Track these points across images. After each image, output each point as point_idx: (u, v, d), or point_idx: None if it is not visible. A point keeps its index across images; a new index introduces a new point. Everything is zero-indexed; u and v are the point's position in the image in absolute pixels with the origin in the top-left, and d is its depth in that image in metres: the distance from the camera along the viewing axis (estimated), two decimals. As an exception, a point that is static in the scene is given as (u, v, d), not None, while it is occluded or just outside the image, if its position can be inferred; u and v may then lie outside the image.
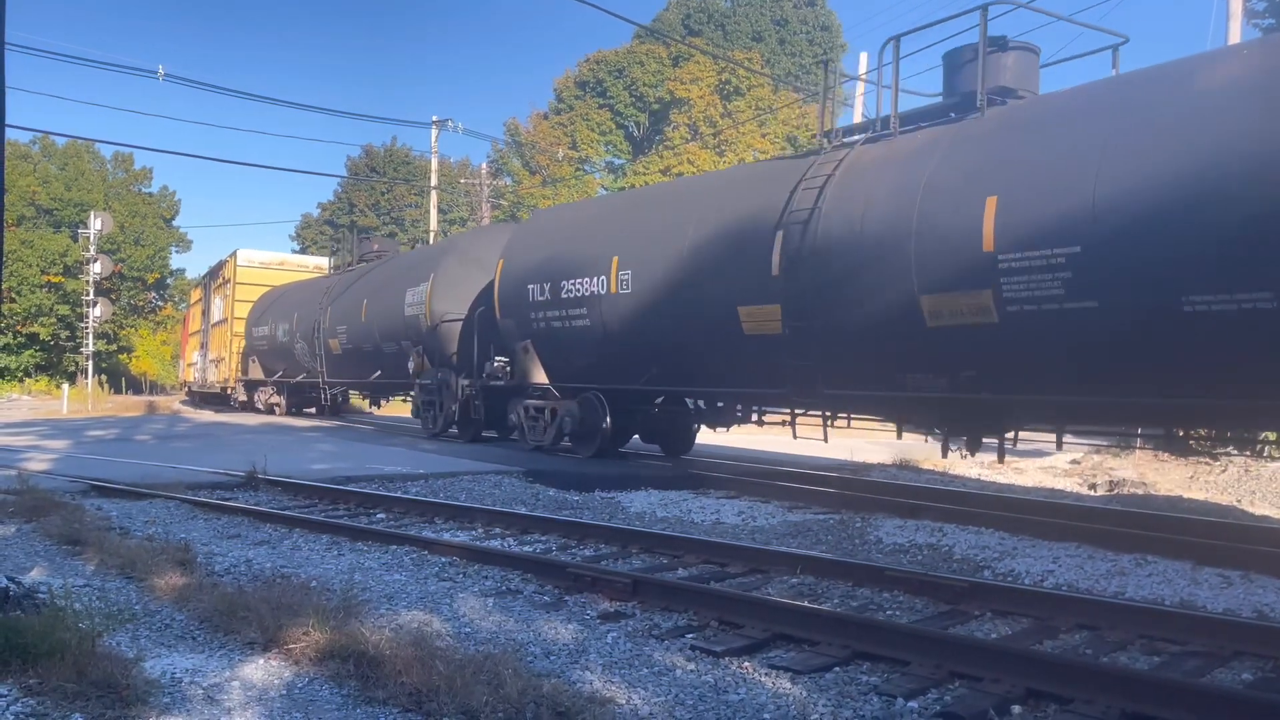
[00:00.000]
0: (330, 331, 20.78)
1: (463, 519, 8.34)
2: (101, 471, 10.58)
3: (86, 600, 4.69)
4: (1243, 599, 5.72)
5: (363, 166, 57.04)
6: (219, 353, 30.41)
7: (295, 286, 26.01)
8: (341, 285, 21.55)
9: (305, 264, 30.81)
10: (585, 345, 12.56)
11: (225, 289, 29.86)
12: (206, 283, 33.73)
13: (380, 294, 18.84)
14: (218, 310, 30.90)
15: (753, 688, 3.98)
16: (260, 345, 25.54)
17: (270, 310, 25.19)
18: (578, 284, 12.44)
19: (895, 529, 8.06)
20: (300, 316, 22.80)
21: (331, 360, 21.26)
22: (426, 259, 18.27)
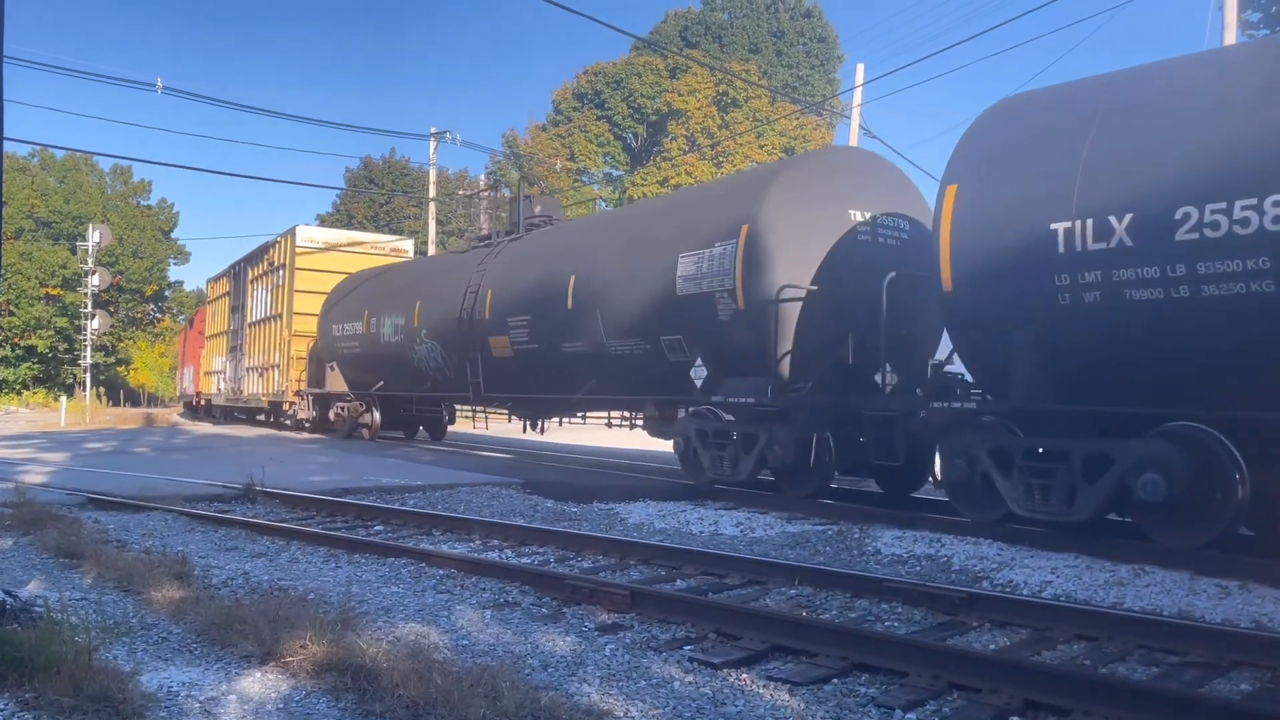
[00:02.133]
0: (494, 326, 14.41)
1: (460, 531, 8.33)
2: (99, 484, 10.56)
3: (83, 613, 4.69)
4: (1241, 609, 5.72)
5: (361, 178, 57.09)
6: (266, 358, 24.42)
7: (406, 268, 20.21)
8: (507, 261, 14.89)
9: (381, 243, 24.86)
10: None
11: (275, 278, 23.99)
12: (239, 272, 27.81)
13: (617, 263, 12.15)
14: (261, 304, 25.20)
15: (751, 700, 3.97)
16: (346, 348, 19.54)
17: (363, 301, 18.98)
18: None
19: (893, 540, 8.06)
20: (428, 308, 16.44)
21: (494, 368, 14.77)
22: (717, 202, 11.48)
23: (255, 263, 26.23)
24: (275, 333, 23.74)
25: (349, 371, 19.93)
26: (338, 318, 19.92)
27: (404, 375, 17.82)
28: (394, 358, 17.73)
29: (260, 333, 25.14)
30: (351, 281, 20.61)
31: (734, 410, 10.71)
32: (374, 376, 18.98)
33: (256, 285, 25.87)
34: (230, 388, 28.08)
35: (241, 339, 27.08)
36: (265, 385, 24.67)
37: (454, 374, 16.04)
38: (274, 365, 23.77)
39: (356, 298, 19.56)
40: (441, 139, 34.59)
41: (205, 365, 32.93)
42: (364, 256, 23.20)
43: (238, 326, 27.54)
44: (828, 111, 42.44)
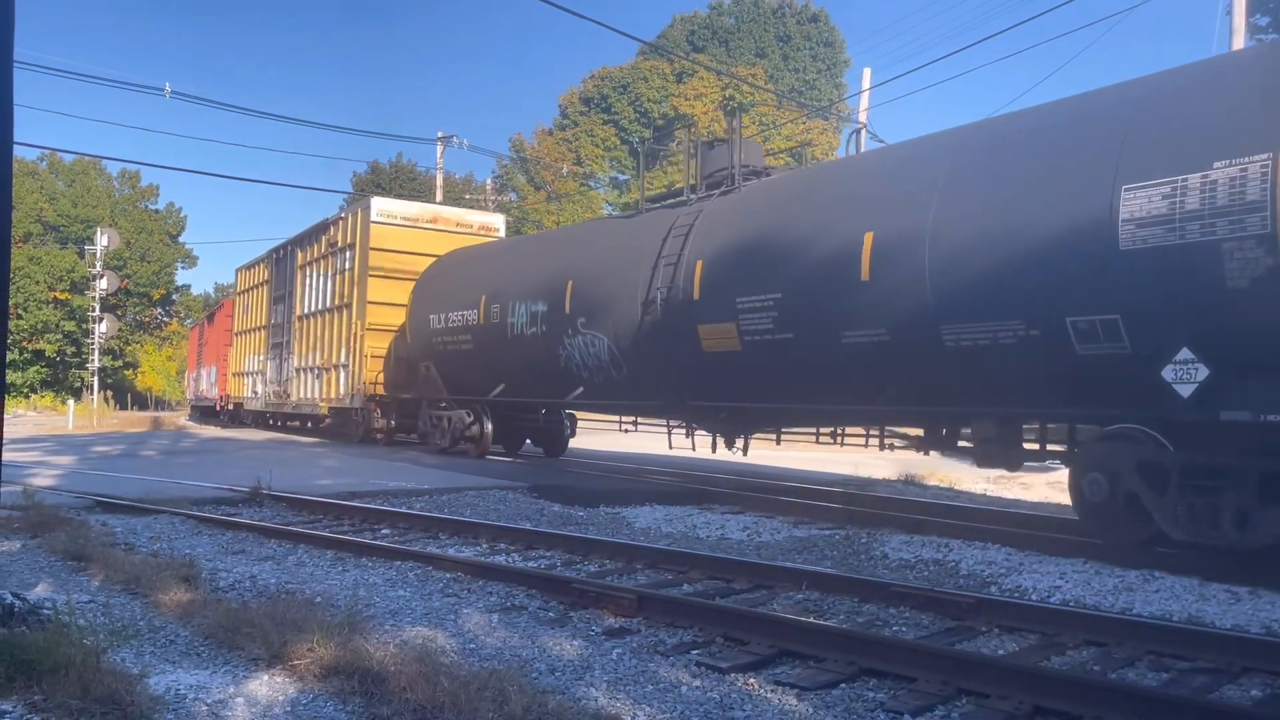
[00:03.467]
0: (708, 310, 10.51)
1: (467, 534, 8.32)
2: (107, 487, 10.59)
3: (91, 616, 4.70)
4: (1251, 615, 5.69)
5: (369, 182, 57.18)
6: (326, 356, 20.75)
7: (543, 241, 16.64)
8: (727, 221, 10.83)
9: (467, 221, 20.59)
10: None
11: (338, 261, 20.43)
12: (283, 256, 24.26)
13: (966, 211, 8.19)
14: (318, 293, 21.63)
15: (758, 704, 3.96)
16: (449, 343, 15.73)
17: (480, 284, 15.09)
18: None
19: (901, 544, 8.04)
20: (587, 290, 12.54)
21: (704, 367, 10.84)
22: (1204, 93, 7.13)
23: (308, 244, 22.45)
24: (339, 326, 20.09)
25: (451, 372, 16.07)
26: (437, 305, 16.06)
27: (542, 377, 13.74)
28: (528, 355, 13.78)
29: (317, 327, 21.42)
30: (456, 260, 17.00)
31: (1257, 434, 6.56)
32: (490, 379, 15.06)
33: (310, 271, 22.07)
34: (272, 391, 24.27)
35: (288, 334, 23.22)
36: (326, 388, 20.74)
37: (629, 374, 12.08)
38: (338, 365, 20.06)
39: (467, 280, 15.68)
40: (448, 143, 34.72)
41: (235, 365, 29.14)
42: (449, 235, 19.44)
43: (282, 320, 23.79)
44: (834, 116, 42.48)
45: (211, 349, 33.97)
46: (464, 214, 21.46)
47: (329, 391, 20.60)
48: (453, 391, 16.29)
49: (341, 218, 20.75)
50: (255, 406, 26.58)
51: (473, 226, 20.28)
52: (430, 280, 17.09)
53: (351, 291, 19.60)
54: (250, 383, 26.90)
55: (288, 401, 23.20)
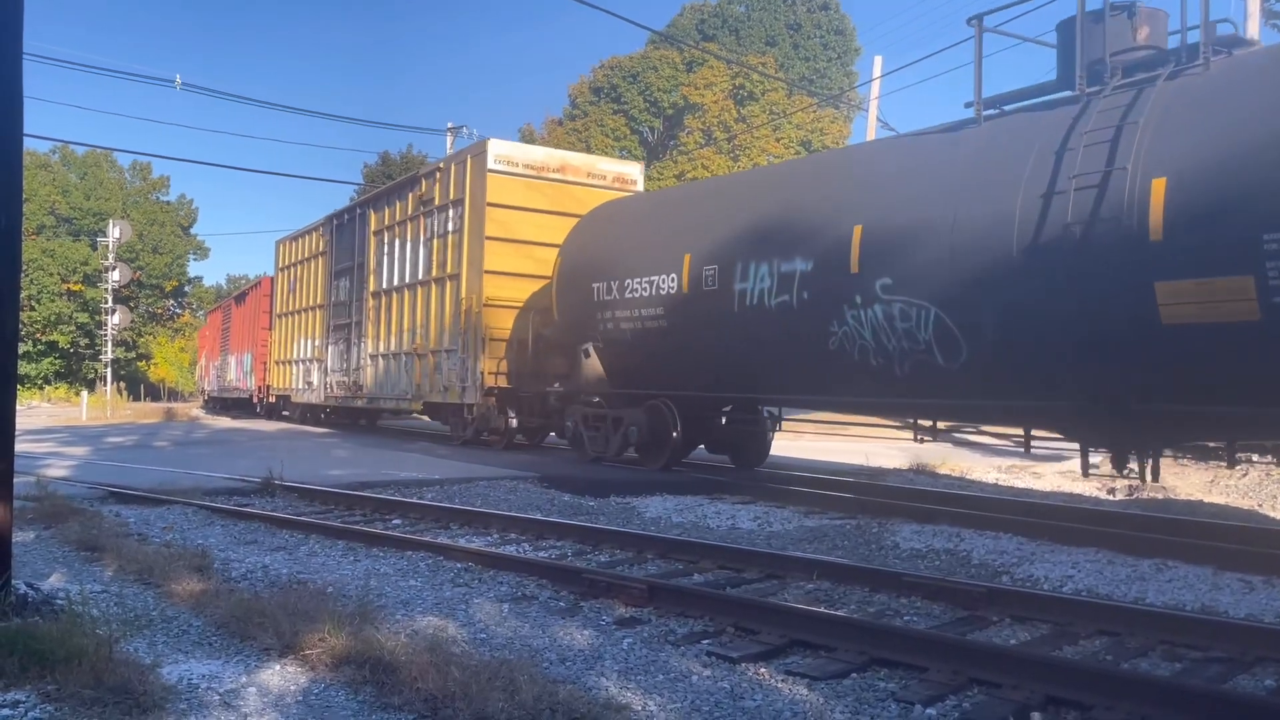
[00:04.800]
0: (1184, 257, 6.85)
1: (478, 524, 8.34)
2: (120, 478, 10.64)
3: (104, 606, 4.72)
4: (1265, 604, 5.66)
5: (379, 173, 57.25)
6: (419, 339, 17.31)
7: (780, 173, 12.63)
8: (1201, 114, 7.07)
9: (600, 170, 16.66)
10: None
11: (437, 222, 16.86)
12: (347, 222, 20.77)
13: None
14: (403, 264, 18.09)
15: (770, 694, 3.96)
16: (627, 321, 12.12)
17: (680, 236, 11.50)
18: None
19: (912, 534, 8.02)
20: (893, 237, 8.91)
21: (1174, 345, 7.04)
22: None
23: (386, 204, 19.09)
24: (439, 303, 16.62)
25: (625, 358, 12.49)
26: (605, 271, 12.45)
27: (791, 364, 10.12)
28: (773, 334, 10.05)
29: (402, 304, 18.03)
30: (632, 211, 13.43)
31: None
32: (690, 366, 11.54)
33: (391, 237, 18.68)
34: (335, 381, 20.63)
35: (358, 314, 19.82)
36: (419, 379, 17.23)
37: (978, 361, 8.33)
38: (439, 351, 16.55)
39: (656, 235, 12.00)
40: (459, 134, 34.70)
41: (279, 351, 25.52)
42: (579, 189, 15.90)
43: (348, 298, 20.38)
44: (845, 104, 42.28)
45: (241, 334, 31.07)
46: (594, 161, 17.33)
47: (424, 382, 16.96)
48: (622, 383, 12.68)
49: (440, 168, 17.14)
50: (309, 399, 22.80)
51: (606, 178, 16.41)
52: (591, 237, 13.20)
53: (458, 259, 15.98)
54: (300, 372, 23.29)
55: (359, 394, 19.61)
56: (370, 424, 23.50)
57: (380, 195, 19.68)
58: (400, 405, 18.55)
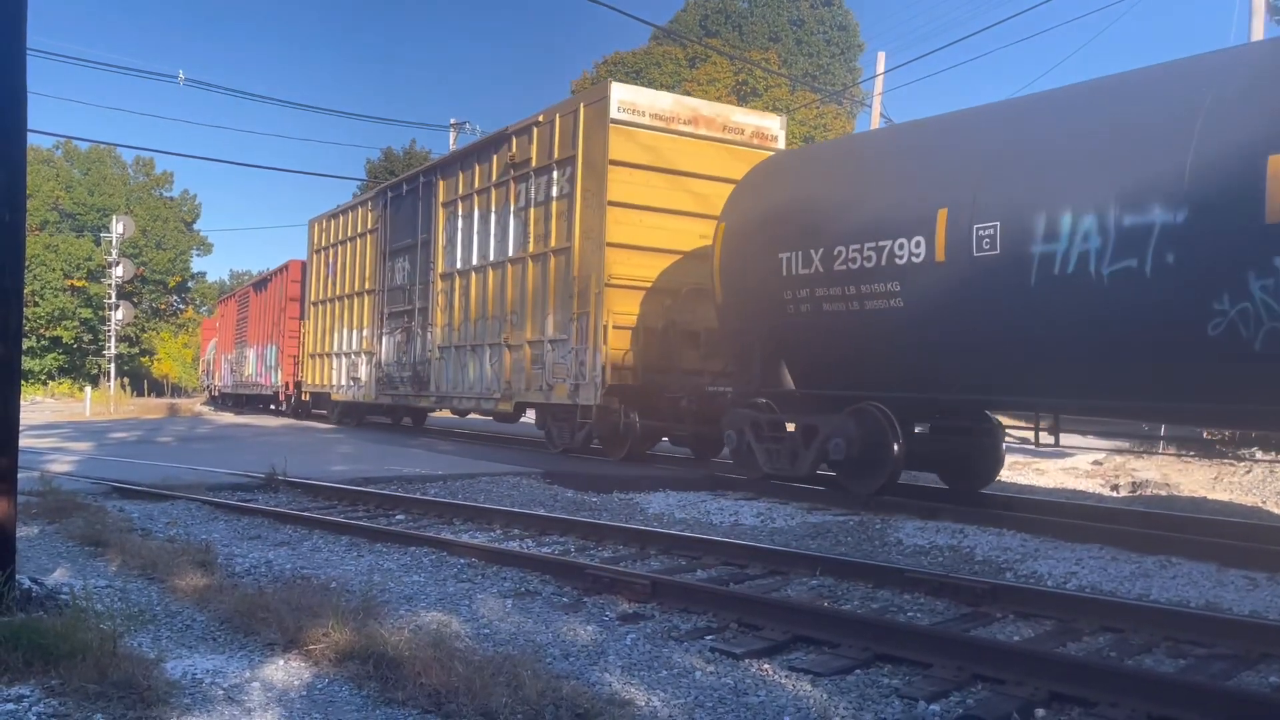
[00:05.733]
0: None
1: (481, 520, 8.34)
2: (124, 473, 10.66)
3: (108, 601, 4.73)
4: (1269, 601, 5.65)
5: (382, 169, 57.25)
6: (515, 329, 14.52)
7: (1108, 93, 7.95)
8: None
9: (736, 123, 13.70)
10: None
11: (533, 187, 14.19)
12: (404, 193, 18.26)
13: None
14: (486, 238, 15.41)
15: (773, 690, 3.96)
16: (837, 301, 9.33)
17: (915, 192, 8.76)
18: None
19: (915, 530, 8.02)
20: None
21: None
22: None
23: (461, 170, 16.36)
24: (541, 283, 13.93)
25: (827, 351, 9.69)
26: (804, 237, 9.53)
27: (1133, 362, 7.44)
28: (1097, 318, 7.46)
29: (487, 286, 15.36)
30: (840, 153, 10.78)
31: None
32: (946, 363, 8.71)
33: (466, 208, 16.06)
34: (393, 377, 18.27)
35: (424, 299, 17.23)
36: (512, 374, 14.48)
37: None
38: (542, 340, 13.76)
39: (884, 184, 9.19)
40: (461, 129, 34.68)
41: (313, 343, 23.02)
42: (715, 146, 13.33)
43: (408, 281, 17.85)
44: (848, 100, 42.23)
45: (263, 324, 28.66)
46: (728, 112, 14.02)
47: (517, 378, 14.39)
48: (818, 382, 9.92)
49: (538, 121, 14.19)
50: (354, 396, 20.18)
51: (744, 132, 13.65)
52: (777, 196, 10.32)
53: (566, 230, 13.32)
54: (343, 366, 20.82)
55: (424, 391, 17.17)
56: (417, 424, 21.73)
57: (452, 160, 16.77)
58: (482, 406, 15.78)
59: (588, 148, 13.09)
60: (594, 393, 12.58)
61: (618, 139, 12.72)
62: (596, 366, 12.58)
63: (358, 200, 20.96)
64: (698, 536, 7.34)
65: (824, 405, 9.83)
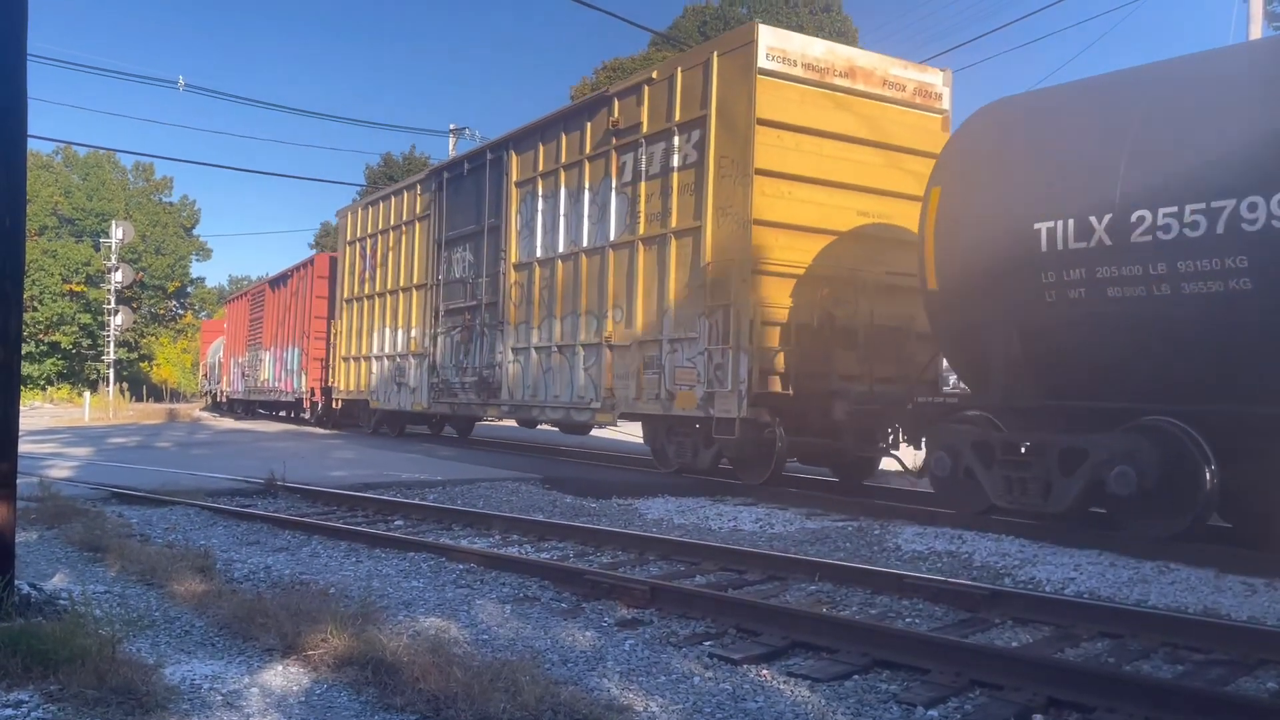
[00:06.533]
0: None
1: (480, 526, 8.34)
2: (123, 478, 10.66)
3: (107, 607, 4.72)
4: (1267, 606, 5.65)
5: (382, 175, 57.30)
6: (617, 326, 12.37)
7: None
8: None
9: (895, 77, 11.58)
10: None
11: (639, 157, 12.12)
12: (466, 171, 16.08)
13: None
14: (577, 221, 13.22)
15: (771, 695, 3.96)
16: (1147, 285, 7.03)
17: None
18: None
19: (914, 536, 8.01)
20: None
21: None
22: None
23: (542, 141, 14.07)
24: (658, 271, 11.67)
25: (1105, 349, 7.58)
26: (1071, 199, 7.51)
27: None
28: None
29: (579, 275, 13.06)
30: (1160, 75, 7.72)
31: None
32: None
33: (550, 186, 13.75)
34: (455, 382, 15.94)
35: (495, 292, 14.90)
36: (615, 380, 12.23)
37: None
38: (660, 340, 11.50)
39: (1210, 127, 6.92)
40: (461, 135, 34.71)
41: (348, 345, 20.73)
42: (868, 105, 11.20)
43: (472, 272, 15.65)
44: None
45: (282, 325, 26.45)
46: (886, 65, 11.59)
47: (624, 385, 12.10)
48: (1084, 391, 7.84)
49: (650, 78, 11.99)
50: (399, 405, 18.24)
51: (905, 89, 11.49)
52: (1016, 146, 8.28)
53: (695, 207, 11.05)
54: (386, 370, 18.65)
55: (494, 399, 14.86)
56: (462, 435, 19.65)
57: (529, 131, 14.50)
58: (573, 417, 13.28)
59: (725, 105, 10.84)
60: (736, 403, 10.28)
61: (767, 93, 10.46)
62: (740, 371, 10.29)
63: (403, 184, 18.75)
64: (697, 542, 7.34)
65: (1085, 422, 7.75)
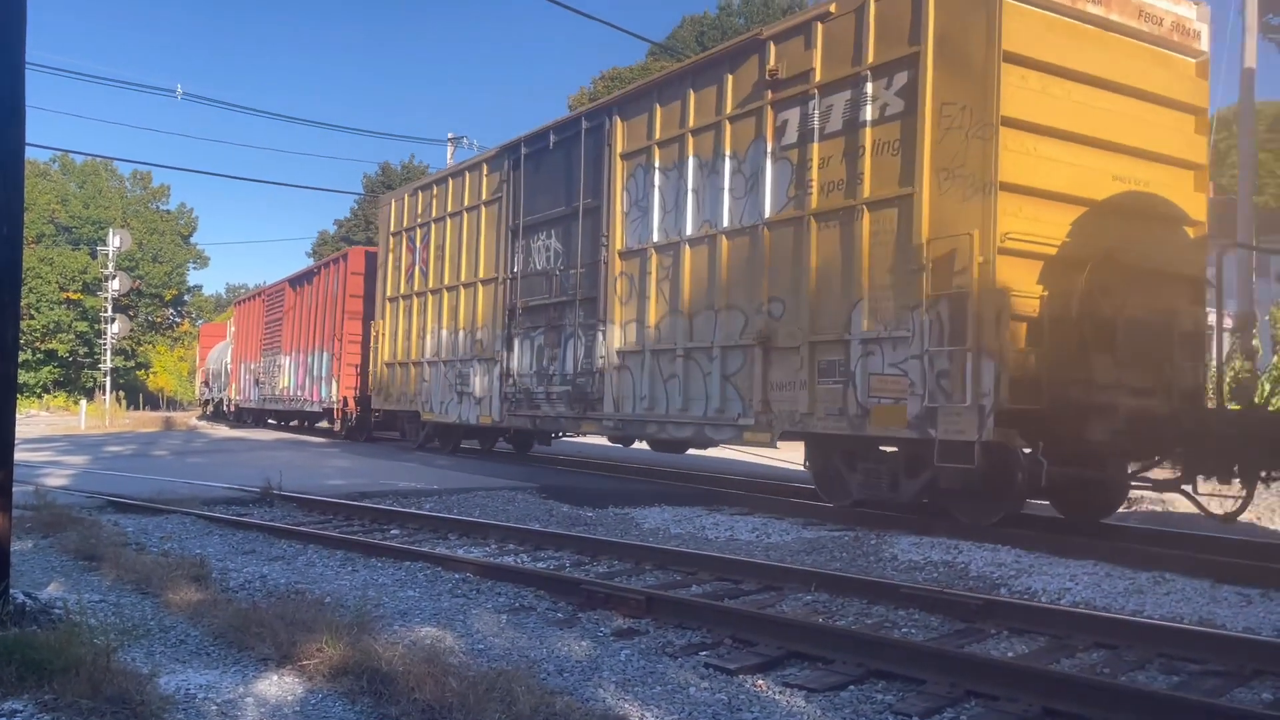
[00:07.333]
0: None
1: (476, 535, 8.34)
2: (118, 487, 10.64)
3: (102, 616, 4.72)
4: (1263, 617, 5.66)
5: (379, 183, 57.38)
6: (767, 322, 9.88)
7: None
8: None
9: (1154, 9, 8.97)
10: None
11: (817, 110, 9.55)
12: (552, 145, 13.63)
13: None
14: (698, 198, 11.03)
15: (767, 706, 3.96)
16: None
17: None
18: None
19: (910, 546, 8.02)
20: None
21: None
22: None
23: (659, 102, 11.72)
24: (844, 253, 9.24)
25: None
26: None
27: None
28: None
29: (716, 261, 10.68)
30: None
31: None
32: None
33: (672, 156, 11.42)
34: (534, 392, 13.76)
35: (594, 286, 12.64)
36: (771, 392, 9.83)
37: None
38: (847, 340, 9.09)
39: None
40: (459, 144, 34.75)
41: (390, 350, 18.53)
42: (1116, 43, 8.85)
43: (558, 263, 13.46)
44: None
45: (307, 327, 24.05)
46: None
47: (789, 399, 9.63)
48: None
49: (827, 13, 9.57)
50: (460, 417, 15.88)
51: (1162, 24, 9.16)
52: None
53: (898, 171, 8.74)
54: (442, 378, 16.48)
55: (597, 413, 12.45)
56: (519, 449, 17.84)
57: (640, 92, 12.10)
58: (709, 435, 10.82)
59: (948, 38, 8.47)
60: (976, 422, 7.90)
61: (1012, 20, 8.21)
62: (983, 380, 7.93)
63: (463, 165, 16.55)
64: (693, 552, 7.34)
65: None
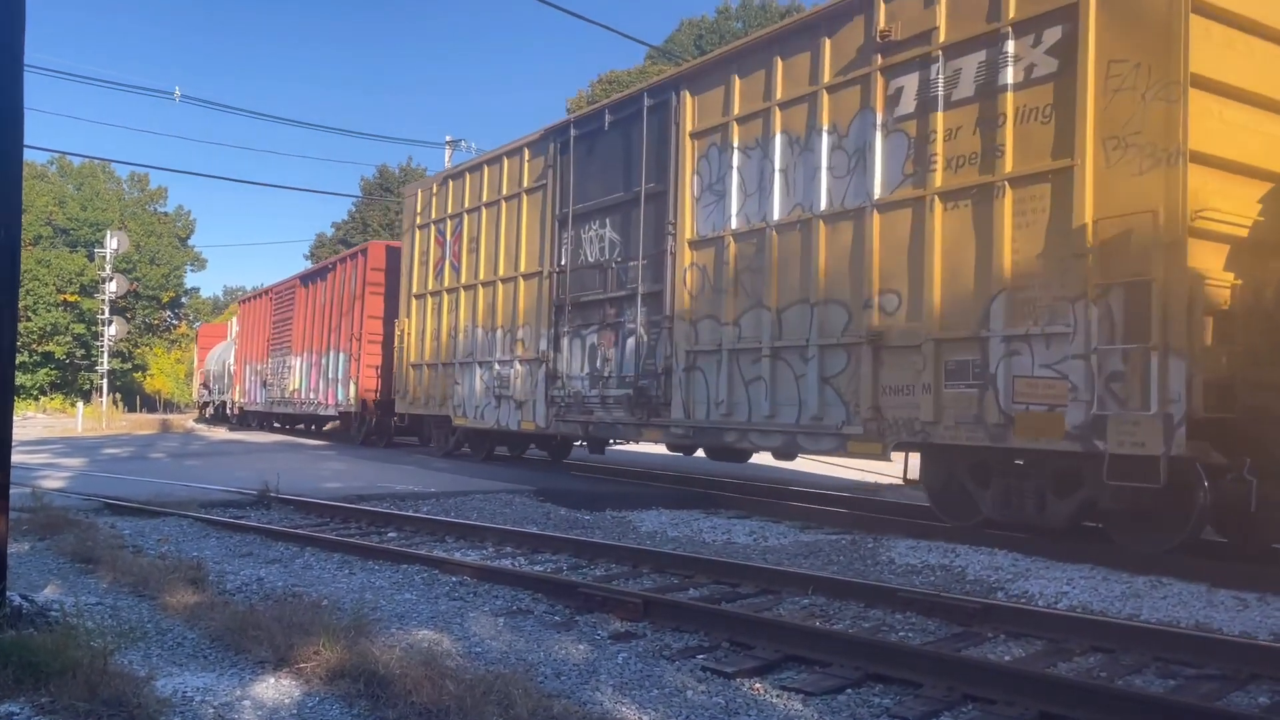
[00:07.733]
0: None
1: (474, 538, 8.34)
2: (115, 489, 10.62)
3: (99, 618, 4.72)
4: (1259, 621, 5.67)
5: (377, 186, 57.39)
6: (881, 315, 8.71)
7: None
8: None
9: None
10: None
11: (941, 76, 8.33)
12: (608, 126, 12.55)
13: None
14: (789, 179, 9.84)
15: (764, 709, 3.96)
16: None
17: None
18: None
19: (907, 549, 8.02)
20: None
21: None
22: None
23: (734, 75, 10.64)
24: (970, 237, 8.11)
25: None
26: None
27: None
28: None
29: (813, 251, 9.50)
30: None
31: None
32: None
33: (742, 137, 10.47)
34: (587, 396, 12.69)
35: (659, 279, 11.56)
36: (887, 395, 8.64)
37: None
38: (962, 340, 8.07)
39: None
40: (457, 146, 34.73)
41: (417, 350, 17.27)
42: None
43: (612, 255, 12.47)
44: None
45: (318, 327, 23.00)
46: None
47: (900, 404, 8.57)
48: None
49: None
50: (498, 423, 14.70)
51: None
52: None
53: (1051, 141, 7.61)
54: (477, 380, 15.27)
55: (662, 419, 11.32)
56: (555, 459, 17.07)
57: (717, 63, 11.07)
58: (803, 444, 9.71)
59: None
60: (1162, 433, 6.75)
61: None
62: (1170, 383, 6.77)
63: (501, 150, 15.14)
64: (690, 555, 7.34)
65: None
